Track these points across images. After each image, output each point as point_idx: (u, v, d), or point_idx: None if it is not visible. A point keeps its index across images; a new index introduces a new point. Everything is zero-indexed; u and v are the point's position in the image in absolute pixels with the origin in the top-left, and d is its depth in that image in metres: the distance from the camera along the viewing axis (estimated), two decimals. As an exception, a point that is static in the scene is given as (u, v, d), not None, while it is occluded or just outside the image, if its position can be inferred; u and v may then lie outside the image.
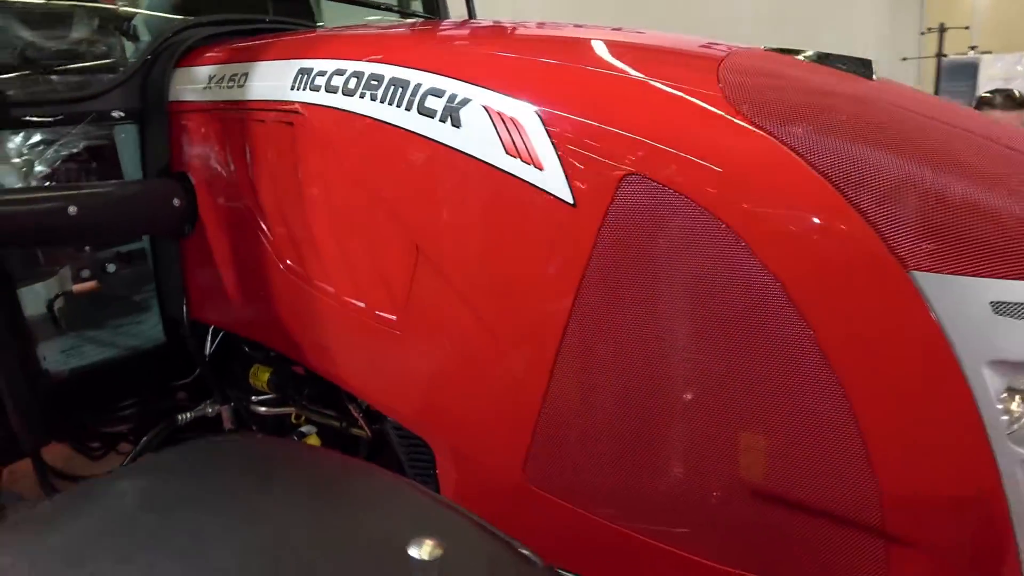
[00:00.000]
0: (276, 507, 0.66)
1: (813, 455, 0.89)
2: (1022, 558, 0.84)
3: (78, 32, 2.28)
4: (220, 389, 1.81)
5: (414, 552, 0.61)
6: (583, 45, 1.19)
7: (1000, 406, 0.81)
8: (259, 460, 0.81)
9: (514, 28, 1.37)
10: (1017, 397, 0.82)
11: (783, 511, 0.93)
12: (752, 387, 0.90)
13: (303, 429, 1.81)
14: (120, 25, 2.15)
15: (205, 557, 0.59)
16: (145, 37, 1.98)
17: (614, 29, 1.28)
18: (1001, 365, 0.80)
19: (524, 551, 0.74)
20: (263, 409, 1.78)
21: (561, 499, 1.09)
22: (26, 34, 2.24)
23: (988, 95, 3.67)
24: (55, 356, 1.72)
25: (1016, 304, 0.79)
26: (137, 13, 2.02)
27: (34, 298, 1.85)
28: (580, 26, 1.30)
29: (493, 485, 1.17)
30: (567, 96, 1.01)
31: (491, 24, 1.46)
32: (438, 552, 0.61)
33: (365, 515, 0.70)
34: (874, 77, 1.07)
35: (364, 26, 2.01)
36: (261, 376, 1.73)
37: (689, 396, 0.95)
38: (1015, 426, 0.82)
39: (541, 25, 1.39)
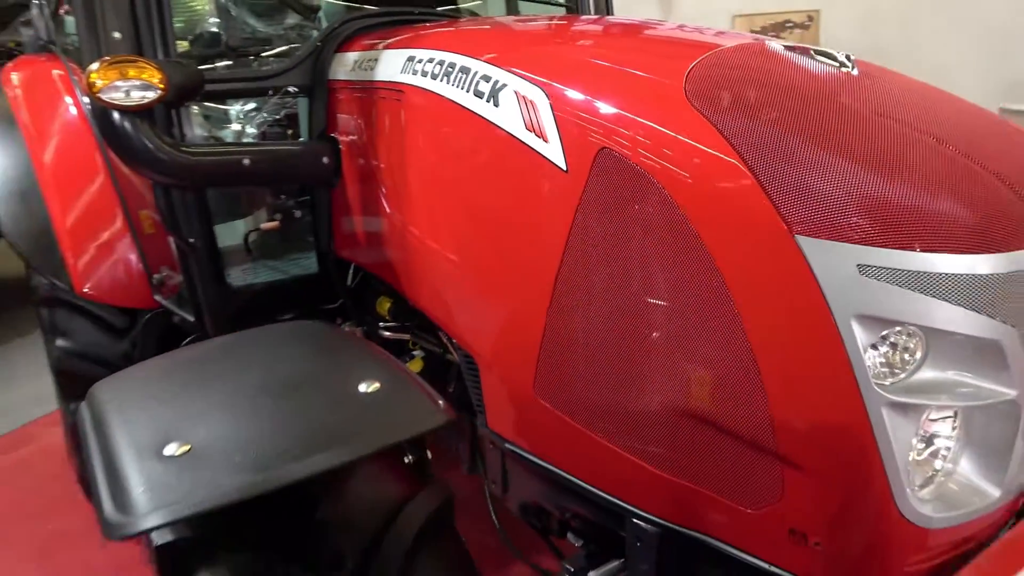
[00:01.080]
0: (292, 357, 1.05)
1: (725, 383, 1.08)
2: (889, 482, 0.99)
3: (286, 20, 2.84)
4: (356, 315, 2.25)
5: (362, 387, 0.93)
6: (603, 39, 1.42)
7: (866, 354, 0.96)
8: (298, 333, 1.21)
9: (562, 25, 1.62)
10: (873, 344, 0.96)
11: (706, 430, 1.13)
12: (682, 320, 1.11)
13: (414, 353, 2.20)
14: (311, 16, 2.66)
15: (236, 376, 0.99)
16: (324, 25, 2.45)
17: (648, 26, 1.48)
18: (867, 319, 0.95)
19: (432, 394, 1.05)
20: (386, 334, 2.19)
21: (554, 408, 1.36)
22: (253, 22, 2.83)
23: None
24: (239, 275, 2.24)
25: (878, 267, 0.93)
26: (319, 5, 2.49)
27: (232, 231, 2.41)
28: (620, 23, 1.52)
29: (513, 395, 1.46)
30: (570, 83, 1.25)
31: (548, 22, 1.71)
32: (376, 386, 0.92)
33: (340, 366, 1.06)
34: (855, 72, 1.19)
35: (471, 20, 2.29)
36: (384, 306, 2.14)
37: (638, 329, 1.17)
38: (879, 371, 0.97)
39: (597, 21, 1.62)
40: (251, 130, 2.48)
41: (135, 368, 1.21)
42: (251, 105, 2.49)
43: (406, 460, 1.29)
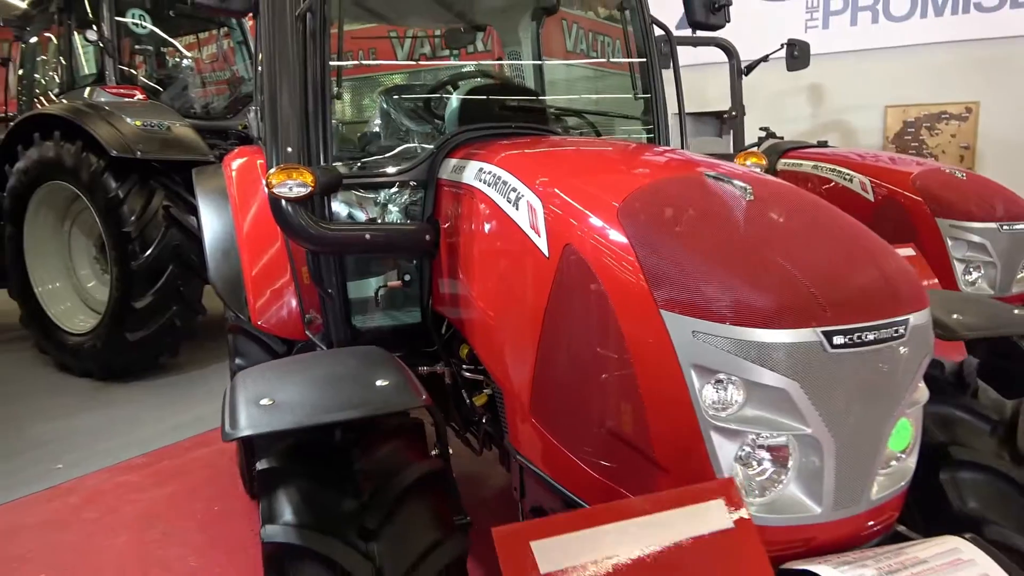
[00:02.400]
0: (348, 364, 1.69)
1: (626, 411, 1.57)
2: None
3: (424, 125, 3.59)
4: (445, 358, 2.87)
5: (378, 383, 1.53)
6: (599, 163, 1.97)
7: (702, 392, 1.42)
8: (358, 353, 1.86)
9: (582, 151, 2.18)
10: (708, 386, 1.41)
11: (620, 446, 1.61)
12: (603, 365, 1.61)
13: (484, 390, 2.77)
14: (439, 124, 3.39)
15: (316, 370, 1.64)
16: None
17: (639, 155, 2.01)
18: (700, 368, 1.41)
19: (420, 390, 1.61)
20: (466, 374, 2.78)
21: (542, 427, 1.88)
22: (407, 123, 3.63)
23: None
24: (364, 320, 2.95)
25: (705, 333, 1.40)
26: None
27: (367, 286, 3.13)
28: (624, 152, 2.07)
29: (521, 417, 2.00)
30: (556, 195, 1.82)
31: (575, 147, 2.28)
32: (387, 383, 1.52)
33: (371, 371, 1.67)
34: (751, 198, 1.65)
35: (535, 139, 2.81)
36: (463, 352, 2.74)
37: (582, 371, 1.69)
38: (706, 403, 1.42)
39: (611, 149, 2.17)
40: (394, 209, 3.23)
41: (263, 364, 1.89)
42: (394, 191, 3.24)
43: (433, 453, 1.86)
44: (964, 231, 3.94)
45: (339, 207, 2.99)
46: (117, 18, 6.50)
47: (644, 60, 3.26)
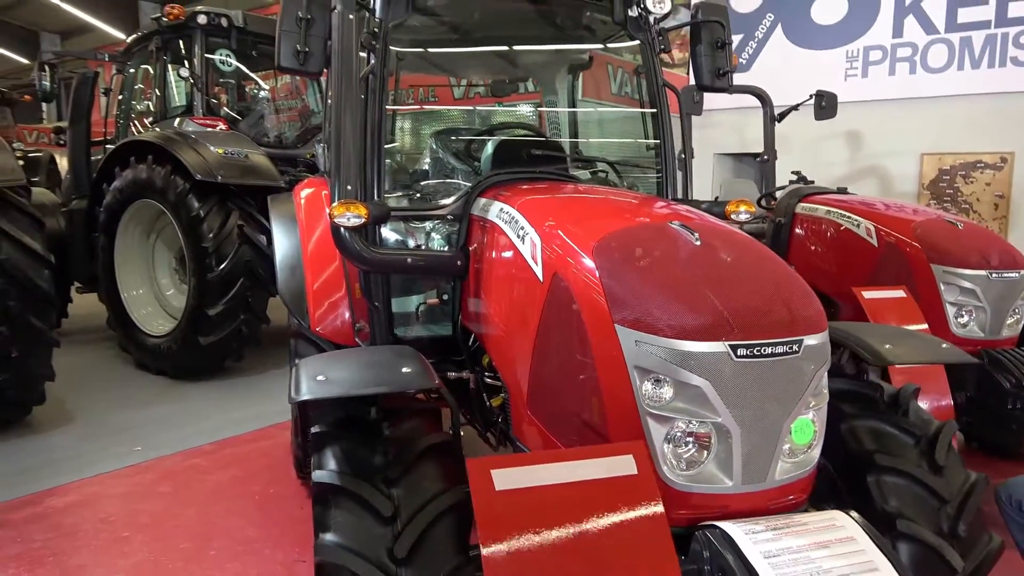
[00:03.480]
0: (385, 354, 2.22)
1: (593, 402, 2.04)
2: (656, 458, 1.88)
3: (465, 165, 4.10)
4: (471, 366, 3.36)
5: (404, 369, 2.05)
6: (591, 208, 2.47)
7: (642, 387, 1.88)
8: (394, 349, 2.38)
9: (582, 198, 2.67)
10: (647, 383, 1.88)
11: (588, 431, 2.08)
12: (576, 367, 2.09)
13: (502, 394, 3.25)
14: (476, 166, 3.92)
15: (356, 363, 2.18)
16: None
17: (625, 202, 2.50)
18: (640, 369, 1.88)
19: (433, 375, 2.11)
20: (487, 380, 3.27)
21: (536, 420, 2.36)
22: (453, 162, 4.18)
23: None
24: (405, 331, 3.47)
25: (643, 343, 1.87)
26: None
27: (407, 302, 3.66)
28: (610, 201, 2.56)
29: (520, 411, 2.48)
30: (552, 233, 2.31)
31: (575, 193, 2.77)
32: (409, 369, 2.03)
33: (400, 361, 2.18)
34: (698, 242, 2.12)
35: (551, 185, 3.26)
36: (485, 361, 3.23)
37: (563, 371, 2.17)
38: (646, 395, 1.88)
39: (603, 196, 2.66)
40: (436, 237, 3.76)
41: (321, 354, 2.44)
42: (437, 222, 3.77)
43: (449, 431, 2.36)
44: (956, 277, 4.27)
45: (392, 233, 3.53)
46: (207, 55, 7.29)
47: (655, 111, 3.74)
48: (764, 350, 1.84)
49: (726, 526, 1.78)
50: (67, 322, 7.85)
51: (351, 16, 2.71)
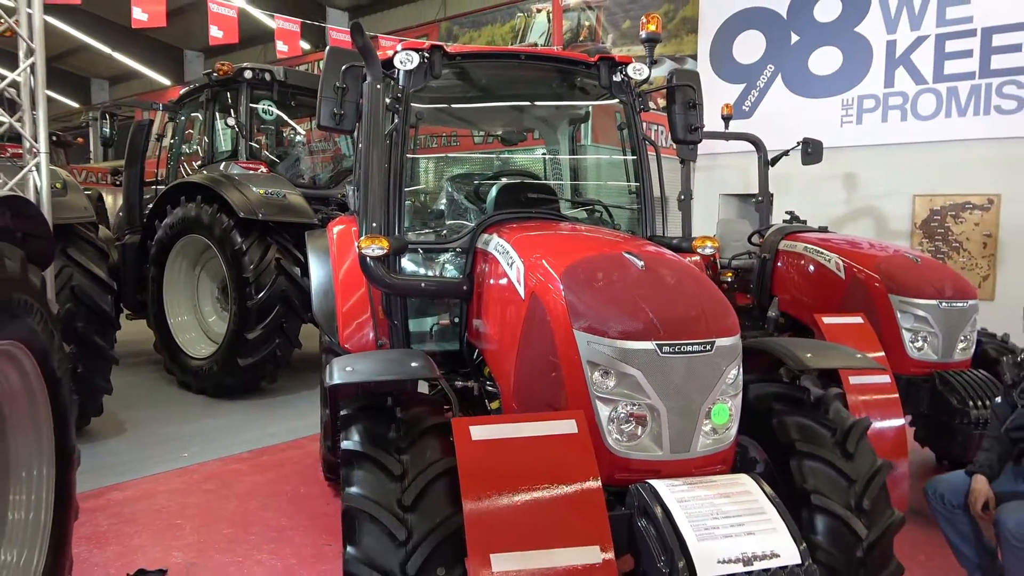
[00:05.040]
0: (396, 355, 2.85)
1: (555, 389, 2.62)
2: (601, 430, 2.45)
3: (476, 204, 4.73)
4: (475, 376, 3.95)
5: (412, 364, 2.66)
6: (565, 242, 3.07)
7: (591, 377, 2.46)
8: (401, 351, 3.00)
9: (561, 234, 3.28)
10: (596, 374, 2.45)
11: (550, 410, 2.65)
12: (547, 365, 2.67)
13: (498, 400, 3.83)
14: (482, 206, 4.54)
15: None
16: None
17: (592, 238, 3.11)
18: (591, 363, 2.47)
19: (434, 369, 2.71)
20: (488, 387, 3.84)
21: (516, 406, 2.94)
22: (466, 203, 4.81)
23: None
24: (419, 345, 4.07)
25: (595, 342, 2.45)
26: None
27: (423, 322, 4.26)
28: (582, 236, 3.17)
29: (507, 402, 3.06)
30: (534, 262, 2.92)
31: (555, 231, 3.38)
32: (416, 364, 2.64)
33: (410, 359, 2.78)
34: (643, 266, 2.70)
35: (545, 223, 3.88)
36: (486, 371, 3.82)
37: (537, 368, 2.75)
38: (595, 383, 2.46)
39: (584, 232, 3.27)
40: (449, 266, 4.37)
41: (349, 355, 3.08)
42: (450, 254, 4.37)
43: (447, 414, 2.94)
44: (910, 306, 4.78)
45: (410, 264, 4.15)
46: (252, 105, 8.10)
47: (636, 159, 4.34)
48: (684, 348, 2.41)
49: (653, 482, 2.34)
50: (116, 346, 8.55)
51: (378, 86, 3.36)
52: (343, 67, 3.59)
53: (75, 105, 26.60)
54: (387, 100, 3.80)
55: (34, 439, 2.95)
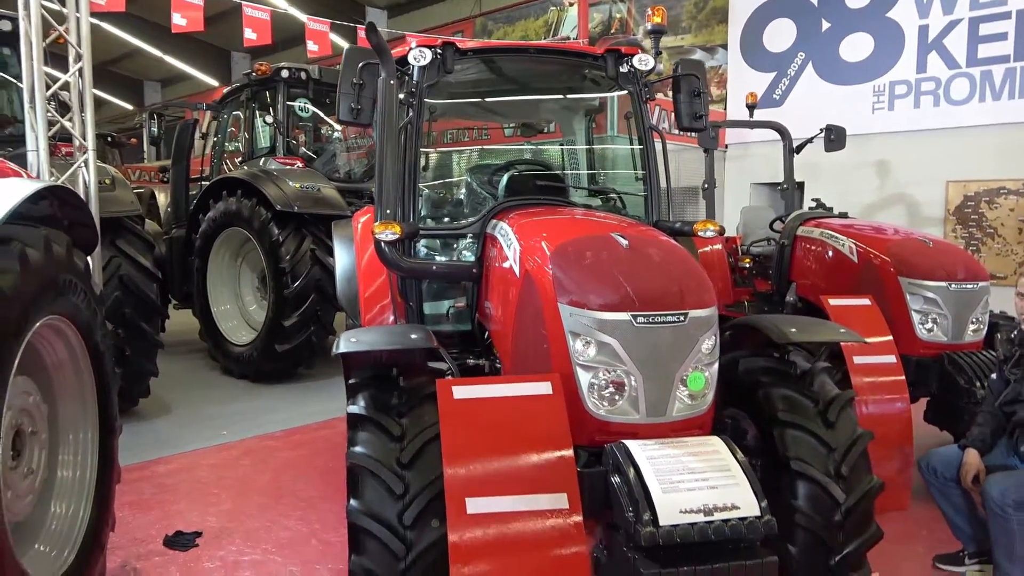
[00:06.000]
0: (400, 329, 3.09)
1: (542, 358, 2.82)
2: (580, 394, 2.65)
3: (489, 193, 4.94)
4: (484, 354, 4.16)
5: (413, 336, 2.89)
6: (561, 225, 3.27)
7: (573, 346, 2.66)
8: (405, 326, 3.24)
9: (561, 218, 3.48)
10: (577, 342, 2.65)
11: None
12: (538, 331, 2.88)
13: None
14: (495, 193, 4.75)
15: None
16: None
17: (585, 220, 3.30)
18: (572, 333, 2.67)
19: (433, 340, 2.93)
20: (497, 365, 4.05)
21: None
22: (481, 191, 5.03)
23: None
24: (433, 326, 4.31)
25: (577, 313, 2.65)
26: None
27: (438, 307, 4.50)
28: (577, 219, 3.36)
29: (507, 374, 3.27)
30: (528, 244, 3.12)
31: (554, 215, 3.57)
32: (416, 336, 2.88)
33: (413, 334, 3.02)
34: (627, 245, 2.89)
35: (550, 209, 4.07)
36: (494, 350, 4.03)
37: (531, 335, 2.96)
38: (576, 351, 2.66)
39: (582, 215, 3.46)
40: (465, 252, 4.59)
41: (357, 328, 3.32)
42: (468, 240, 4.59)
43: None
44: (920, 288, 4.83)
45: (431, 250, 4.38)
46: (288, 103, 8.45)
47: (643, 148, 4.49)
48: (657, 319, 2.59)
49: (627, 442, 2.53)
50: (164, 335, 9.03)
51: (392, 82, 3.59)
52: (359, 64, 3.83)
53: (129, 107, 27.65)
54: (401, 96, 4.04)
55: (80, 407, 3.28)
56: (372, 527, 2.57)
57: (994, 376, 3.80)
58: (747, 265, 6.91)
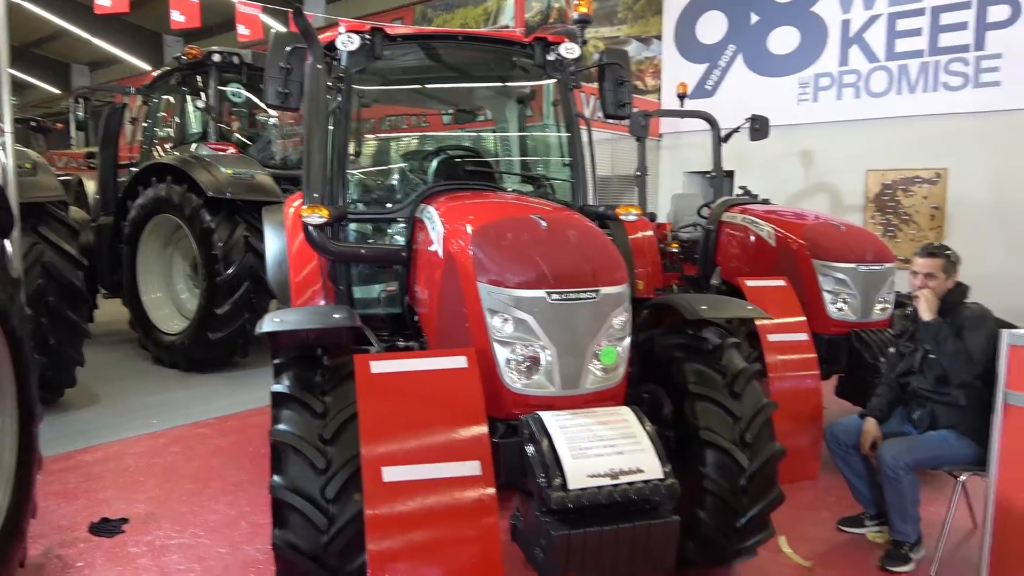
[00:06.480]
0: (324, 310, 3.14)
1: (463, 335, 2.92)
2: (497, 369, 2.75)
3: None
4: (415, 336, 4.23)
5: (335, 315, 2.94)
6: (486, 208, 3.36)
7: (490, 322, 2.76)
8: (329, 306, 3.28)
9: (485, 202, 3.57)
10: (495, 319, 2.75)
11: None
12: (458, 306, 2.97)
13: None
14: (425, 178, 4.81)
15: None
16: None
17: (512, 203, 3.40)
18: (490, 310, 2.77)
19: (356, 322, 3.00)
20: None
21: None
22: (413, 176, 5.08)
23: None
24: (363, 309, 4.36)
25: (495, 291, 2.75)
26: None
27: (370, 291, 4.54)
28: (506, 200, 3.46)
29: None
30: (451, 226, 3.20)
31: (481, 199, 3.67)
32: (338, 316, 2.94)
33: (333, 312, 3.08)
34: (545, 225, 2.99)
35: (478, 193, 4.18)
36: (423, 332, 4.11)
37: (454, 311, 3.04)
38: (494, 328, 2.76)
39: (505, 199, 3.56)
40: (395, 235, 4.62)
41: (282, 309, 3.35)
42: (401, 224, 4.64)
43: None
44: (830, 269, 5.10)
45: (357, 232, 4.42)
46: (220, 88, 8.30)
47: (570, 135, 4.61)
48: (570, 296, 2.71)
49: (541, 413, 2.65)
50: (93, 325, 8.80)
51: (320, 67, 3.61)
52: (287, 48, 3.83)
53: (55, 91, 26.58)
54: (330, 81, 4.06)
55: (-3, 392, 3.23)
56: (295, 501, 2.63)
57: (892, 350, 4.05)
58: (676, 250, 7.13)
